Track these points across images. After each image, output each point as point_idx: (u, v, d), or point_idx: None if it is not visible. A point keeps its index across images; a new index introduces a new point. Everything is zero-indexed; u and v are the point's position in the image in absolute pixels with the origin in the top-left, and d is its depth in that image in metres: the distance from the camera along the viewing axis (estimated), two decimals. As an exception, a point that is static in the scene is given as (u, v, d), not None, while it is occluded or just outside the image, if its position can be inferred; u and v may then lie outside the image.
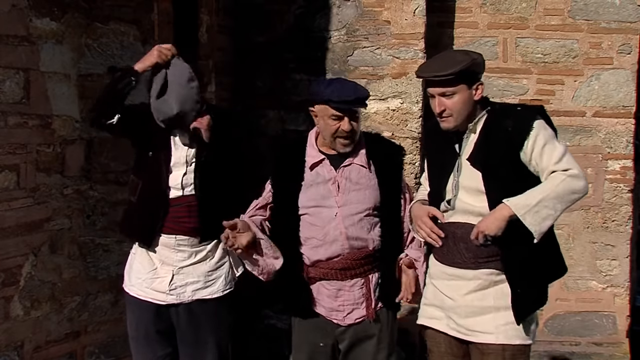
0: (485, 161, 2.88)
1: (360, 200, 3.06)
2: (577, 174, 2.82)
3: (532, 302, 2.93)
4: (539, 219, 2.79)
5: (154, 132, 3.25)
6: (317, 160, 3.12)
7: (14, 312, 3.62)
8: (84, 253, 4.02)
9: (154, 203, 3.23)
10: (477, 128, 2.92)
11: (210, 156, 3.24)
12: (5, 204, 3.54)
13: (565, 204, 2.83)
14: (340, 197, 3.06)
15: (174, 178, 3.24)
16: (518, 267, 2.87)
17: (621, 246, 5.12)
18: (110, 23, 4.05)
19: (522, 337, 2.90)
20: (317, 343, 3.12)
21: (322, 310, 3.10)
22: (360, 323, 3.09)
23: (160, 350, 3.34)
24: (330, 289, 3.07)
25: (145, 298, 3.29)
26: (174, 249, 3.26)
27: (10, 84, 3.56)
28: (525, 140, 2.82)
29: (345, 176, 3.09)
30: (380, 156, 3.15)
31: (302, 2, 5.01)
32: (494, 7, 5.14)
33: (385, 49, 4.87)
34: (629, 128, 5.09)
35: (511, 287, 2.88)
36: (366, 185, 3.09)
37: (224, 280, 3.32)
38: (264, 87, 5.06)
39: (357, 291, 3.08)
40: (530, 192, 2.81)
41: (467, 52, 3.00)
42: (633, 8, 5.03)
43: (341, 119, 3.03)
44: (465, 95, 2.88)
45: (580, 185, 2.83)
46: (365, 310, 3.08)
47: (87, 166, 4.03)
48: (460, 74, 2.85)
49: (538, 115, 2.90)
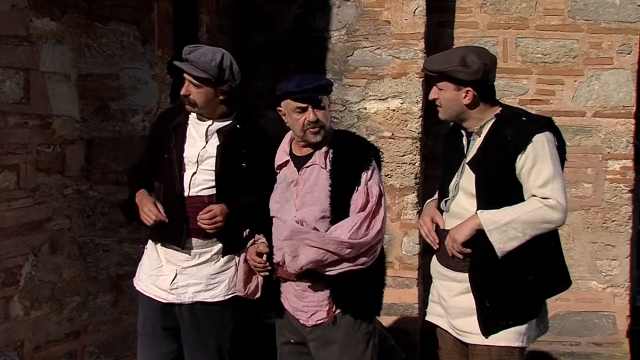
0: (480, 166, 2.89)
1: (314, 202, 3.01)
2: (555, 204, 2.77)
3: (505, 316, 2.84)
4: (505, 238, 2.79)
5: (165, 135, 3.29)
6: (282, 162, 3.12)
7: (14, 312, 3.62)
8: (84, 253, 4.03)
9: (175, 203, 3.23)
10: (483, 131, 2.93)
11: (226, 162, 3.24)
12: (5, 204, 3.54)
13: (536, 231, 2.80)
14: (299, 200, 3.04)
15: (184, 177, 3.24)
16: (487, 279, 2.85)
17: (621, 246, 5.12)
18: (110, 23, 4.05)
19: (509, 339, 2.86)
20: (288, 338, 3.15)
21: (290, 309, 3.11)
22: (322, 325, 3.04)
23: (165, 347, 3.34)
24: (297, 289, 3.06)
25: (149, 294, 3.31)
26: (180, 248, 3.26)
27: (10, 84, 3.56)
28: (520, 153, 2.81)
29: (305, 178, 3.05)
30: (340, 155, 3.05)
31: (302, 2, 5.01)
32: (494, 7, 5.14)
33: (385, 49, 4.87)
34: (629, 128, 5.09)
35: (476, 298, 2.87)
36: (323, 186, 3.02)
37: (227, 285, 3.30)
38: (264, 87, 5.05)
39: (322, 294, 3.03)
40: (505, 210, 2.80)
41: (469, 55, 2.92)
42: (633, 8, 5.02)
43: (305, 110, 2.99)
44: (452, 95, 2.92)
45: (555, 217, 2.79)
46: (326, 313, 3.03)
47: (87, 166, 4.03)
48: (440, 74, 2.92)
49: (543, 128, 2.85)
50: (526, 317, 2.88)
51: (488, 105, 2.94)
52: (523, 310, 2.87)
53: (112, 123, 4.10)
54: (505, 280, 2.84)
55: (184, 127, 3.30)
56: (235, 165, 3.26)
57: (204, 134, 3.28)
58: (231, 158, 3.25)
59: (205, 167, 3.25)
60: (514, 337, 2.86)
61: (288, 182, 3.08)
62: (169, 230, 3.24)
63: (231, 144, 3.27)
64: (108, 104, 4.09)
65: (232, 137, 3.28)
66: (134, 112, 4.14)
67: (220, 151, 3.24)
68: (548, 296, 2.97)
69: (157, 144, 3.34)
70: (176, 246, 3.25)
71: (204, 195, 3.24)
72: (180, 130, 3.30)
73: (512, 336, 2.86)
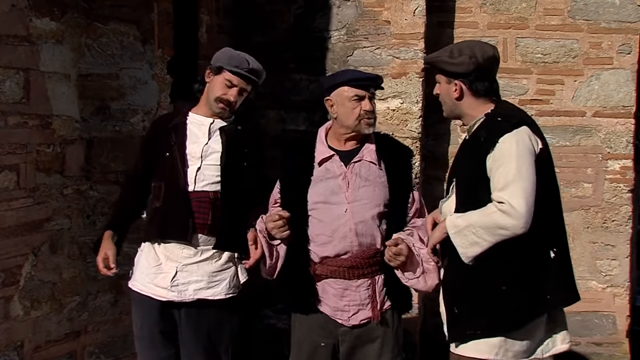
0: (458, 167, 2.87)
1: (370, 196, 3.02)
2: (507, 209, 2.59)
3: (473, 326, 2.72)
4: (466, 242, 2.69)
5: (165, 136, 3.30)
6: (326, 156, 3.10)
7: (14, 312, 3.62)
8: (84, 253, 4.02)
9: (180, 199, 3.22)
10: (471, 130, 2.87)
11: (231, 158, 3.26)
12: (5, 204, 3.54)
13: (494, 237, 2.64)
14: (350, 193, 3.03)
15: (188, 172, 3.25)
16: (456, 285, 2.77)
17: (621, 246, 5.12)
18: (110, 23, 4.05)
19: (480, 351, 2.71)
20: (318, 342, 3.09)
21: (326, 310, 3.07)
22: (364, 325, 3.05)
23: (164, 350, 3.33)
24: (337, 288, 3.04)
25: (147, 293, 3.28)
26: (187, 243, 3.26)
27: (10, 84, 3.56)
28: (489, 154, 2.70)
29: (355, 172, 3.05)
30: (389, 154, 3.12)
31: (302, 2, 5.01)
32: (494, 7, 5.14)
33: (385, 49, 4.87)
34: (629, 128, 5.09)
35: (446, 304, 2.80)
36: (375, 182, 3.05)
37: (228, 284, 3.30)
38: (263, 87, 5.06)
39: (364, 292, 3.03)
40: (467, 214, 2.71)
41: (458, 47, 2.89)
42: (633, 8, 5.03)
43: (361, 100, 3.02)
44: (445, 88, 2.90)
45: (509, 223, 2.60)
46: (371, 311, 3.04)
47: (87, 166, 4.03)
48: (430, 64, 2.95)
49: (512, 128, 2.70)
50: (499, 330, 2.69)
51: (480, 102, 2.84)
52: (495, 321, 2.69)
53: (112, 123, 4.10)
54: (474, 288, 2.71)
55: (184, 126, 3.32)
56: (238, 163, 3.27)
57: (207, 131, 3.30)
58: (235, 155, 3.27)
59: (210, 162, 3.26)
60: (485, 349, 2.71)
61: (335, 175, 3.06)
62: (174, 226, 3.24)
63: (234, 142, 3.29)
64: (108, 104, 4.09)
65: (234, 136, 3.30)
66: (134, 112, 4.14)
67: (226, 146, 3.27)
68: (541, 311, 2.72)
69: (154, 147, 3.35)
70: (183, 241, 3.24)
71: (209, 191, 3.24)
72: (180, 129, 3.31)
73: (482, 348, 2.71)
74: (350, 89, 3.03)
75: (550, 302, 2.72)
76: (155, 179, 3.33)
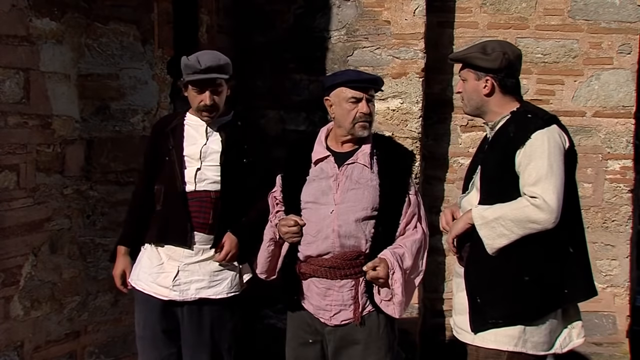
0: (485, 162, 2.89)
1: (358, 199, 3.01)
2: (541, 204, 2.68)
3: (495, 315, 2.78)
4: (493, 234, 2.75)
5: (163, 140, 3.32)
6: (322, 156, 3.11)
7: (14, 312, 3.62)
8: (84, 253, 4.02)
9: (177, 201, 3.24)
10: (497, 127, 2.92)
11: (230, 156, 3.27)
12: (5, 204, 3.54)
13: (523, 230, 2.72)
14: (339, 195, 3.03)
15: (187, 173, 3.26)
16: (480, 275, 2.82)
17: (621, 246, 5.12)
18: (110, 23, 4.05)
19: (498, 342, 2.79)
20: (306, 339, 3.11)
21: (310, 308, 3.08)
22: (347, 326, 3.03)
23: (165, 350, 3.35)
24: (320, 287, 3.04)
25: (149, 292, 3.31)
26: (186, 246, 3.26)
27: (10, 84, 3.56)
28: (518, 149, 2.77)
29: (347, 174, 3.05)
30: (386, 157, 3.09)
31: (302, 2, 5.01)
32: (494, 7, 5.14)
33: (385, 49, 4.87)
34: (629, 128, 5.09)
35: (469, 294, 2.84)
36: (366, 185, 3.03)
37: (230, 283, 3.31)
38: (264, 87, 5.06)
39: (347, 292, 3.02)
40: (496, 207, 2.77)
41: (490, 43, 2.95)
42: (633, 8, 5.02)
43: (359, 102, 3.01)
44: (472, 85, 2.92)
45: (541, 218, 2.69)
46: (352, 313, 3.02)
47: (87, 166, 4.03)
48: (461, 61, 2.94)
49: (544, 125, 2.79)
50: (519, 319, 2.78)
51: (507, 99, 2.91)
52: (516, 311, 2.78)
53: (112, 123, 4.10)
54: (498, 278, 2.79)
55: (181, 129, 3.34)
56: (238, 160, 3.27)
57: (204, 132, 3.30)
58: (234, 153, 3.28)
59: (210, 163, 3.27)
60: (503, 339, 2.79)
61: (328, 176, 3.07)
62: (173, 229, 3.25)
63: (233, 140, 3.29)
64: (108, 104, 4.09)
65: (233, 134, 3.30)
66: (134, 112, 4.14)
67: (225, 145, 3.27)
68: (559, 304, 2.82)
69: (155, 152, 3.37)
70: (182, 245, 3.26)
71: (211, 191, 3.26)
72: (178, 132, 3.33)
73: (501, 339, 2.79)
74: (348, 90, 3.02)
75: (568, 295, 2.81)
76: (156, 183, 3.35)
